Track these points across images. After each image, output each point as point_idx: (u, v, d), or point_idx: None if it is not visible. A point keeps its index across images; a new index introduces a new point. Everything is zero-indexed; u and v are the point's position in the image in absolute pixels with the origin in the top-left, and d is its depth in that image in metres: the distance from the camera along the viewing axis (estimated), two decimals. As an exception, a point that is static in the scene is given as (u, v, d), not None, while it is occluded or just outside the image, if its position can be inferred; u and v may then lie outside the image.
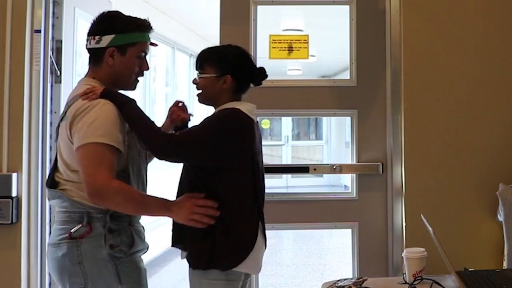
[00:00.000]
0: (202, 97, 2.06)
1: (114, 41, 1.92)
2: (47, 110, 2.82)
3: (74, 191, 1.85)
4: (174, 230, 2.00)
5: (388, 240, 2.85)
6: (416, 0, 2.76)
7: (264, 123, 10.30)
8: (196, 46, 2.31)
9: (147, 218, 2.00)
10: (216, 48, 2.10)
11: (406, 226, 2.72)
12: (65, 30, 2.90)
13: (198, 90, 2.06)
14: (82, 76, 2.04)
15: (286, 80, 4.55)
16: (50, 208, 2.74)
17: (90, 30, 1.97)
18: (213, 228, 1.89)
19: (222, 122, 1.94)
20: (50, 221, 2.76)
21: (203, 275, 1.91)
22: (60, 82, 2.87)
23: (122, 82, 1.98)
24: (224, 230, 1.90)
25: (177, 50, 7.30)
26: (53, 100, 2.85)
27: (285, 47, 3.02)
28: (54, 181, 1.92)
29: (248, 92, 2.07)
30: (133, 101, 1.91)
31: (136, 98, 1.95)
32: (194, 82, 2.06)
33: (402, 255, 2.15)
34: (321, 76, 10.95)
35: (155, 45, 2.06)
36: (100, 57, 1.94)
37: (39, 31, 2.77)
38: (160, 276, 5.12)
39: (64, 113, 1.90)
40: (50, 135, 2.79)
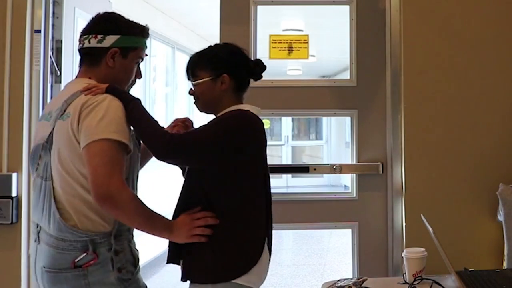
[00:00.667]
0: (201, 104, 1.90)
1: (119, 42, 1.83)
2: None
3: (71, 215, 1.68)
4: (171, 246, 1.88)
5: (388, 240, 2.85)
6: (416, 0, 2.76)
7: (264, 123, 10.29)
8: (196, 46, 2.32)
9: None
10: (204, 50, 1.93)
11: (406, 226, 2.72)
12: (65, 30, 2.90)
13: (195, 100, 1.91)
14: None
15: (286, 80, 4.56)
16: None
17: (89, 29, 1.86)
18: (215, 238, 1.78)
19: (231, 123, 1.80)
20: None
21: None
22: (60, 82, 2.87)
23: (119, 86, 1.84)
24: (227, 241, 1.79)
25: (177, 50, 7.30)
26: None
27: (285, 47, 3.01)
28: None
29: (248, 92, 1.98)
30: (138, 99, 1.80)
31: (136, 98, 1.89)
32: (191, 93, 1.91)
33: (402, 255, 2.15)
34: (321, 76, 10.94)
35: (146, 55, 1.96)
36: (99, 57, 1.83)
37: (39, 31, 2.77)
38: (160, 276, 5.12)
39: (62, 110, 1.74)
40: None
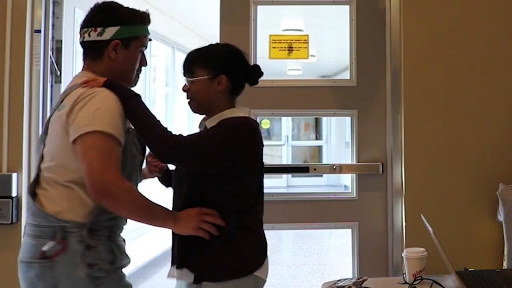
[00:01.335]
0: (195, 104, 1.88)
1: (119, 33, 1.78)
2: (47, 110, 2.80)
3: (48, 198, 1.68)
4: (178, 249, 1.87)
5: (388, 240, 2.85)
6: (416, 0, 2.76)
7: (264, 123, 10.29)
8: (196, 46, 2.31)
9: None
10: (205, 48, 1.90)
11: (406, 226, 2.72)
12: (65, 30, 2.90)
13: (189, 98, 1.88)
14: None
15: (286, 80, 4.55)
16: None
17: (88, 21, 1.82)
18: (231, 236, 1.81)
19: (238, 133, 1.80)
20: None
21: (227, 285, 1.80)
22: (60, 82, 2.87)
23: (124, 78, 1.83)
24: (243, 237, 1.84)
25: (177, 50, 7.29)
26: (53, 100, 2.83)
27: (285, 47, 3.01)
28: (34, 189, 1.73)
29: (248, 92, 1.97)
30: (138, 95, 1.76)
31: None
32: (184, 89, 1.88)
33: (402, 255, 2.15)
34: (321, 76, 10.93)
35: (150, 40, 1.92)
36: (101, 50, 1.79)
37: (39, 31, 2.77)
38: (160, 276, 5.12)
39: (59, 102, 1.72)
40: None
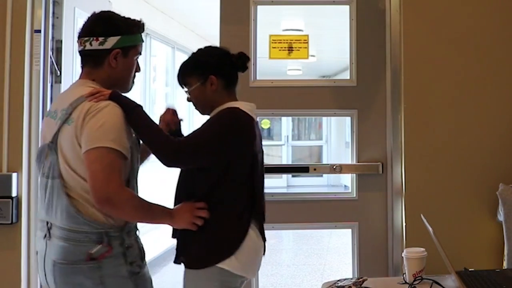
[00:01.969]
0: (200, 108, 2.09)
1: (120, 42, 1.87)
2: (47, 110, 2.80)
3: (87, 207, 1.78)
4: (178, 245, 2.03)
5: (388, 240, 2.85)
6: (416, 0, 2.77)
7: (264, 123, 10.30)
8: (196, 46, 2.31)
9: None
10: (187, 60, 2.10)
11: (406, 226, 2.72)
12: (65, 30, 2.90)
13: (194, 105, 2.10)
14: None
15: (286, 80, 4.55)
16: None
17: (88, 31, 1.88)
18: (205, 228, 1.93)
19: (221, 123, 1.96)
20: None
21: (198, 274, 1.94)
22: (60, 82, 2.87)
23: (122, 84, 1.93)
24: (213, 230, 1.93)
25: (177, 50, 7.29)
26: (53, 100, 2.83)
27: (285, 47, 3.01)
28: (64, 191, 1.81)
29: (248, 92, 2.04)
30: (140, 106, 1.88)
31: (136, 98, 1.92)
32: (188, 100, 2.09)
33: (402, 255, 2.15)
34: (321, 76, 10.93)
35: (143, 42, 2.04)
36: (102, 58, 1.87)
37: (39, 31, 2.77)
38: (160, 276, 5.11)
39: (68, 115, 1.80)
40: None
